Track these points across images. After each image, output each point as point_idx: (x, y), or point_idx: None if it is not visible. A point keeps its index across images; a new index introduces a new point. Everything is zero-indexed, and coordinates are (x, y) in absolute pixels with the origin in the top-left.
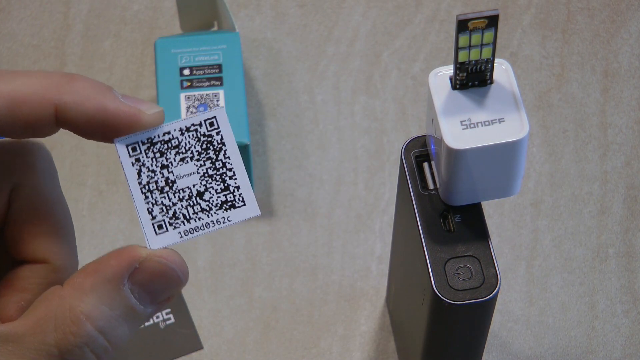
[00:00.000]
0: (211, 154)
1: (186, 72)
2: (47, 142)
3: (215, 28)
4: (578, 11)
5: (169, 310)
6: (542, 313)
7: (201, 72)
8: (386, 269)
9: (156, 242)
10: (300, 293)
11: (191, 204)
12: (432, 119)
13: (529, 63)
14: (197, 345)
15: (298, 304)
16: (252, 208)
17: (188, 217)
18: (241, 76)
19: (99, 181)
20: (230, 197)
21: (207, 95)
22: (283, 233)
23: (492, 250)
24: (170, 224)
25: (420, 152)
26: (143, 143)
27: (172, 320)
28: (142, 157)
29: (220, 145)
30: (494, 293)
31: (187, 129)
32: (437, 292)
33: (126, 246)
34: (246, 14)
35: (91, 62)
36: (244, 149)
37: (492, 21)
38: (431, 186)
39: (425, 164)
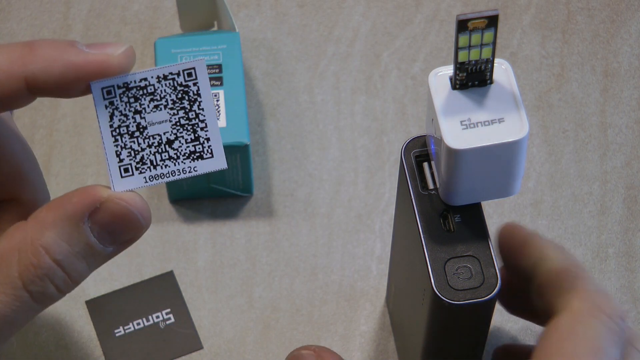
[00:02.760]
0: (185, 104)
1: None
2: (47, 142)
3: (215, 28)
4: (578, 11)
5: (169, 310)
6: None
7: None
8: (386, 268)
9: (121, 185)
10: (300, 293)
11: (159, 150)
12: (432, 119)
13: (528, 63)
14: (197, 345)
15: (298, 304)
16: (219, 161)
17: (155, 163)
18: (241, 76)
19: (99, 181)
20: (199, 148)
21: None
22: (283, 233)
23: (492, 250)
24: (137, 169)
25: (420, 152)
26: (119, 87)
27: (172, 320)
28: (116, 100)
29: (195, 97)
30: (494, 293)
31: (165, 77)
32: (437, 292)
33: (90, 185)
34: (246, 13)
35: None
36: (243, 149)
37: (492, 21)
38: (431, 186)
39: (425, 164)
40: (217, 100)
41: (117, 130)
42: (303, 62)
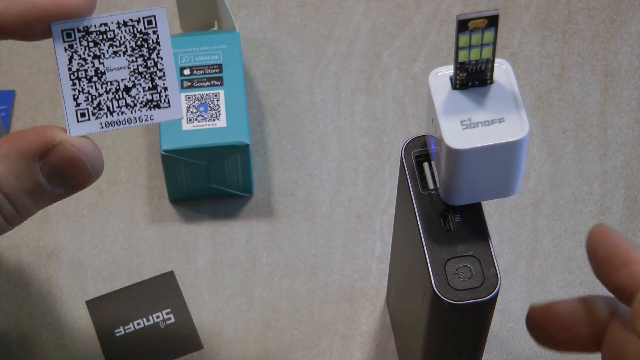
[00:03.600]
0: (144, 51)
1: (186, 72)
2: None
3: (216, 28)
4: (578, 11)
5: (169, 310)
6: None
7: (201, 72)
8: (386, 268)
9: (77, 129)
10: (300, 293)
11: (117, 97)
12: (432, 119)
13: (529, 63)
14: (197, 345)
15: (298, 304)
16: (176, 110)
17: (112, 109)
18: (241, 76)
19: (99, 181)
20: (156, 97)
21: (207, 95)
22: (283, 233)
23: (492, 250)
24: (94, 114)
25: (420, 152)
26: (79, 30)
27: (172, 320)
28: (76, 44)
29: (155, 45)
30: (494, 293)
31: (125, 24)
32: (437, 292)
33: (48, 125)
34: (246, 13)
35: None
36: (244, 149)
37: (492, 21)
38: (431, 186)
39: (426, 164)
40: (218, 100)
41: (76, 74)
42: (303, 62)
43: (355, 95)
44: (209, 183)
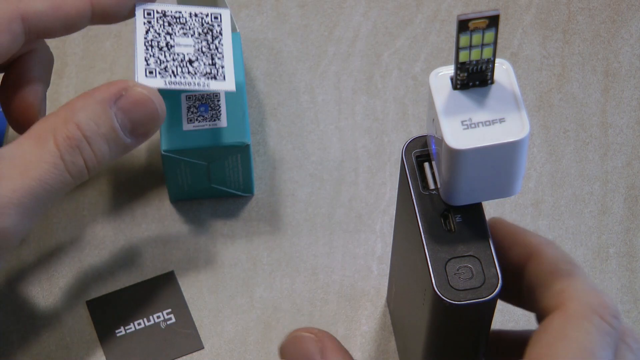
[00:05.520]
0: (209, 37)
1: None
2: None
3: None
4: (579, 11)
5: (169, 310)
6: None
7: None
8: (387, 268)
9: (144, 82)
10: (301, 293)
11: (181, 65)
12: (433, 119)
13: (529, 63)
14: (197, 345)
15: (299, 304)
16: (229, 84)
17: (175, 73)
18: (242, 76)
19: (100, 181)
20: (214, 71)
21: (207, 95)
22: (284, 233)
23: (492, 250)
24: (159, 73)
25: (421, 152)
26: (157, 12)
27: (173, 320)
28: (153, 21)
29: (218, 34)
30: (494, 293)
31: (196, 15)
32: (438, 292)
33: (116, 80)
34: (247, 14)
35: (92, 62)
36: (244, 149)
37: (493, 21)
38: (432, 186)
39: (426, 164)
40: (218, 100)
41: (150, 43)
42: (304, 62)
43: (356, 95)
44: (210, 183)
